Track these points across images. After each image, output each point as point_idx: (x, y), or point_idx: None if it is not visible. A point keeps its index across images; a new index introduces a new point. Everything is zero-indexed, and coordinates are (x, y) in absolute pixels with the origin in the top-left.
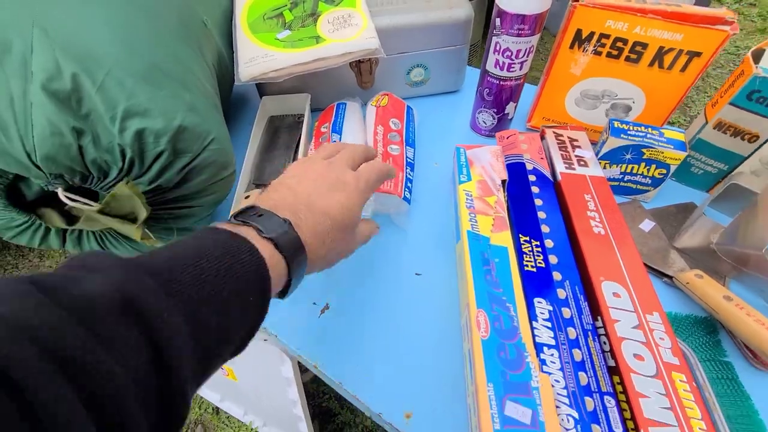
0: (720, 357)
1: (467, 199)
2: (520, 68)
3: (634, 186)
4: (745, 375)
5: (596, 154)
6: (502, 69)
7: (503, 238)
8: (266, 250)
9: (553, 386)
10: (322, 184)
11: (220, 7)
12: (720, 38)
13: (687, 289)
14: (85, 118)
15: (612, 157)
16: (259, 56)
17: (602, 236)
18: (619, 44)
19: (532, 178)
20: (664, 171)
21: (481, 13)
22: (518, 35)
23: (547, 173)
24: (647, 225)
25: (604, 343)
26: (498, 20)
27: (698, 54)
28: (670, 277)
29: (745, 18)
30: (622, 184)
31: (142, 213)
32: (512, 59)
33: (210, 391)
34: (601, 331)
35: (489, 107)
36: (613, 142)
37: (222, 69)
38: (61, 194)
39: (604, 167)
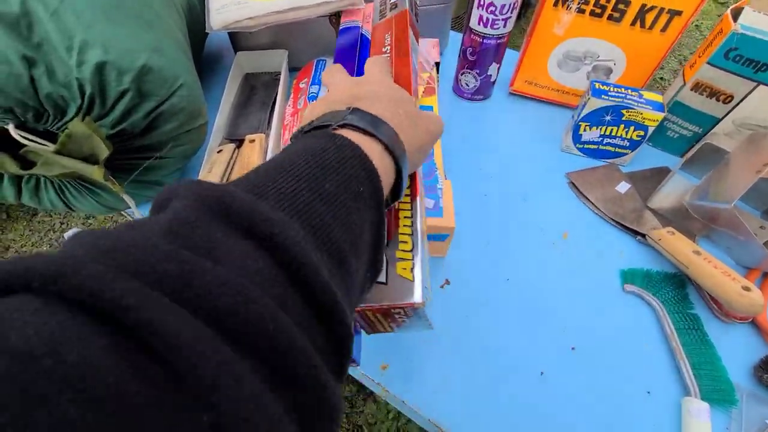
0: (688, 309)
1: None
2: (504, 25)
3: (612, 149)
4: (710, 326)
5: (578, 115)
6: (485, 25)
7: (431, 101)
8: (364, 142)
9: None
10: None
11: None
12: None
13: (659, 245)
14: (37, 47)
15: (592, 119)
16: (231, 3)
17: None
18: (603, 1)
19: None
20: (642, 132)
21: None
22: None
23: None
24: (623, 187)
25: None
26: None
27: (679, 13)
28: (644, 235)
29: None
30: (601, 147)
31: (103, 151)
32: (496, 14)
33: None
34: None
35: (472, 68)
36: (594, 103)
37: (193, 17)
38: (13, 131)
39: (584, 129)
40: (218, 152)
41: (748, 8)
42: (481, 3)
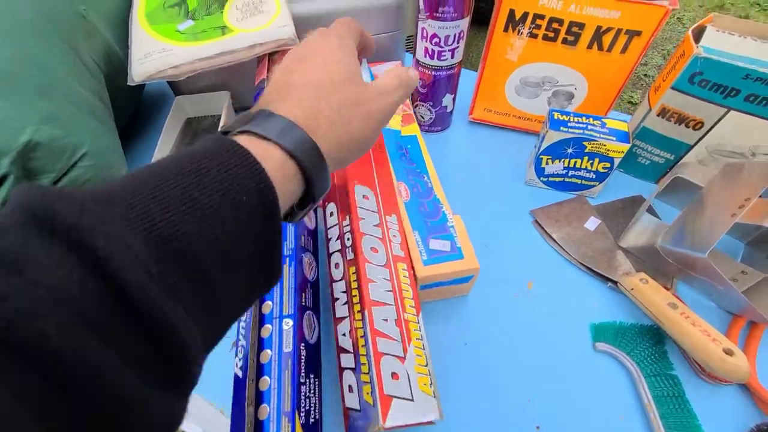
0: (666, 371)
1: None
2: (452, 56)
3: (578, 181)
4: (693, 388)
5: (538, 148)
6: (432, 57)
7: (412, 129)
8: (259, 148)
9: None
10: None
11: (108, 1)
12: (659, 15)
13: (631, 295)
14: None
15: (553, 152)
16: (155, 51)
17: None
18: (555, 25)
19: None
20: (608, 164)
21: None
22: (444, 19)
23: None
24: (593, 223)
25: (348, 239)
26: (421, 2)
27: (638, 33)
28: (615, 282)
29: None
30: (566, 179)
31: None
32: (441, 46)
33: None
34: (347, 228)
35: (425, 100)
36: (552, 136)
37: (115, 68)
38: None
39: (546, 163)
40: None
41: (710, 28)
42: (425, 35)
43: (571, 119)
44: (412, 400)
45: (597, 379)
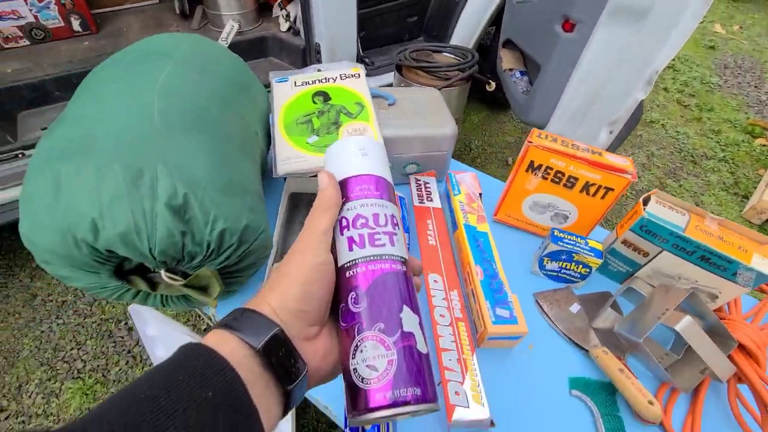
0: (615, 412)
1: (460, 204)
2: (391, 242)
3: (568, 277)
4: (630, 425)
5: (542, 252)
6: (362, 246)
7: (484, 227)
8: (222, 343)
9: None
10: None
11: (263, 114)
12: (624, 182)
13: (597, 360)
14: (187, 222)
15: (552, 256)
16: (293, 156)
17: (432, 245)
18: (559, 175)
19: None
20: (588, 270)
21: (464, 91)
22: (366, 197)
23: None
24: (575, 308)
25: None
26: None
27: (611, 189)
28: (587, 351)
29: (684, 107)
30: (560, 275)
31: (216, 289)
32: (373, 227)
33: None
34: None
35: (369, 326)
36: (552, 247)
37: (263, 163)
38: (164, 275)
39: (547, 262)
40: (274, 268)
41: (654, 199)
42: (345, 224)
43: (566, 237)
44: (468, 407)
45: (571, 415)
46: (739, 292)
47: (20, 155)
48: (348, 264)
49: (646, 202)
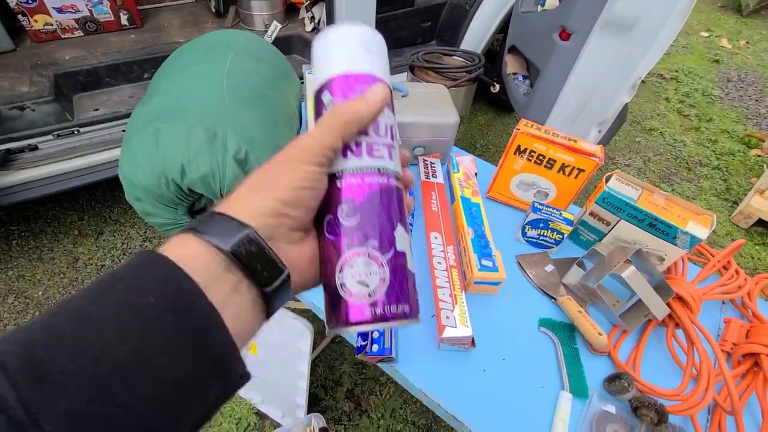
0: (572, 344)
1: (459, 180)
2: (389, 155)
3: (545, 243)
4: (584, 354)
5: (524, 220)
6: (359, 156)
7: (477, 199)
8: (179, 247)
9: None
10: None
11: (298, 98)
12: (593, 164)
13: (562, 306)
14: (247, 171)
15: (533, 224)
16: None
17: (435, 211)
18: (541, 157)
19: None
20: (561, 236)
21: (470, 91)
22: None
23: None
24: (549, 268)
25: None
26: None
27: (583, 170)
28: (555, 299)
29: (684, 117)
30: (539, 241)
31: None
32: (372, 136)
33: None
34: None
35: (361, 241)
36: (532, 215)
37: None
38: None
39: (528, 230)
40: None
41: (615, 177)
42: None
43: (543, 208)
44: (456, 327)
45: (538, 343)
46: (679, 254)
47: (76, 131)
48: (341, 173)
49: (608, 179)
